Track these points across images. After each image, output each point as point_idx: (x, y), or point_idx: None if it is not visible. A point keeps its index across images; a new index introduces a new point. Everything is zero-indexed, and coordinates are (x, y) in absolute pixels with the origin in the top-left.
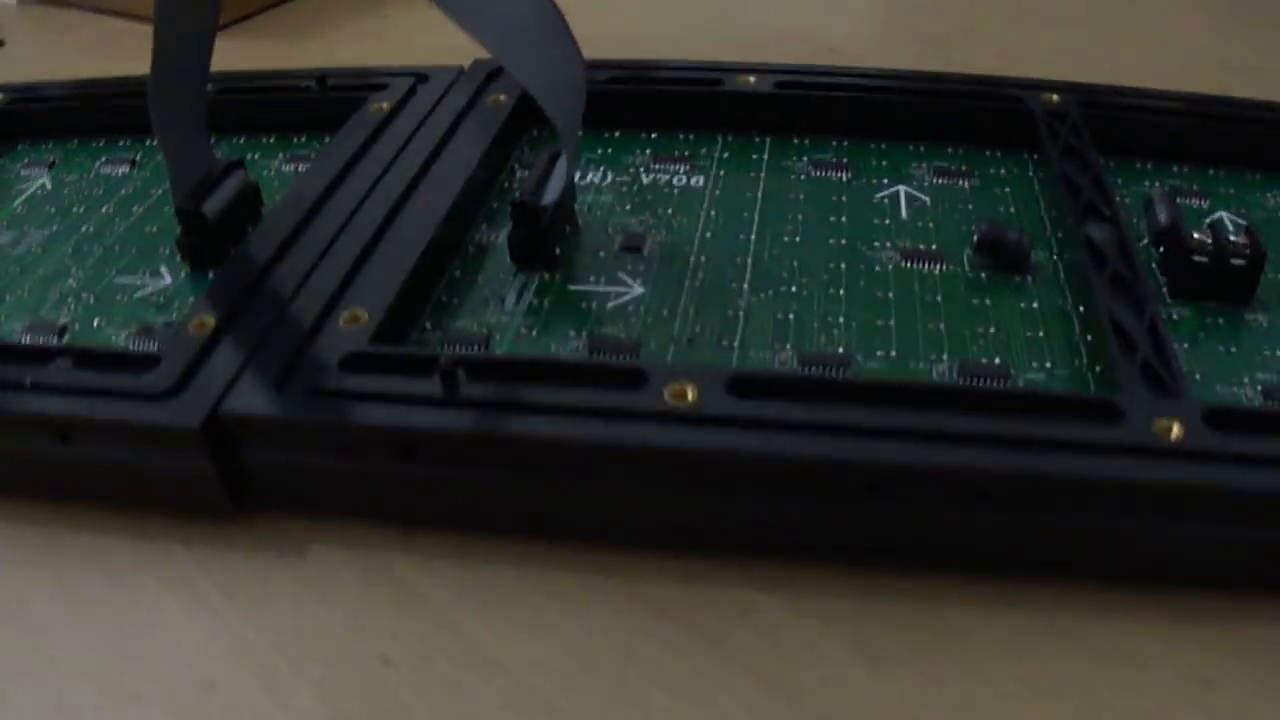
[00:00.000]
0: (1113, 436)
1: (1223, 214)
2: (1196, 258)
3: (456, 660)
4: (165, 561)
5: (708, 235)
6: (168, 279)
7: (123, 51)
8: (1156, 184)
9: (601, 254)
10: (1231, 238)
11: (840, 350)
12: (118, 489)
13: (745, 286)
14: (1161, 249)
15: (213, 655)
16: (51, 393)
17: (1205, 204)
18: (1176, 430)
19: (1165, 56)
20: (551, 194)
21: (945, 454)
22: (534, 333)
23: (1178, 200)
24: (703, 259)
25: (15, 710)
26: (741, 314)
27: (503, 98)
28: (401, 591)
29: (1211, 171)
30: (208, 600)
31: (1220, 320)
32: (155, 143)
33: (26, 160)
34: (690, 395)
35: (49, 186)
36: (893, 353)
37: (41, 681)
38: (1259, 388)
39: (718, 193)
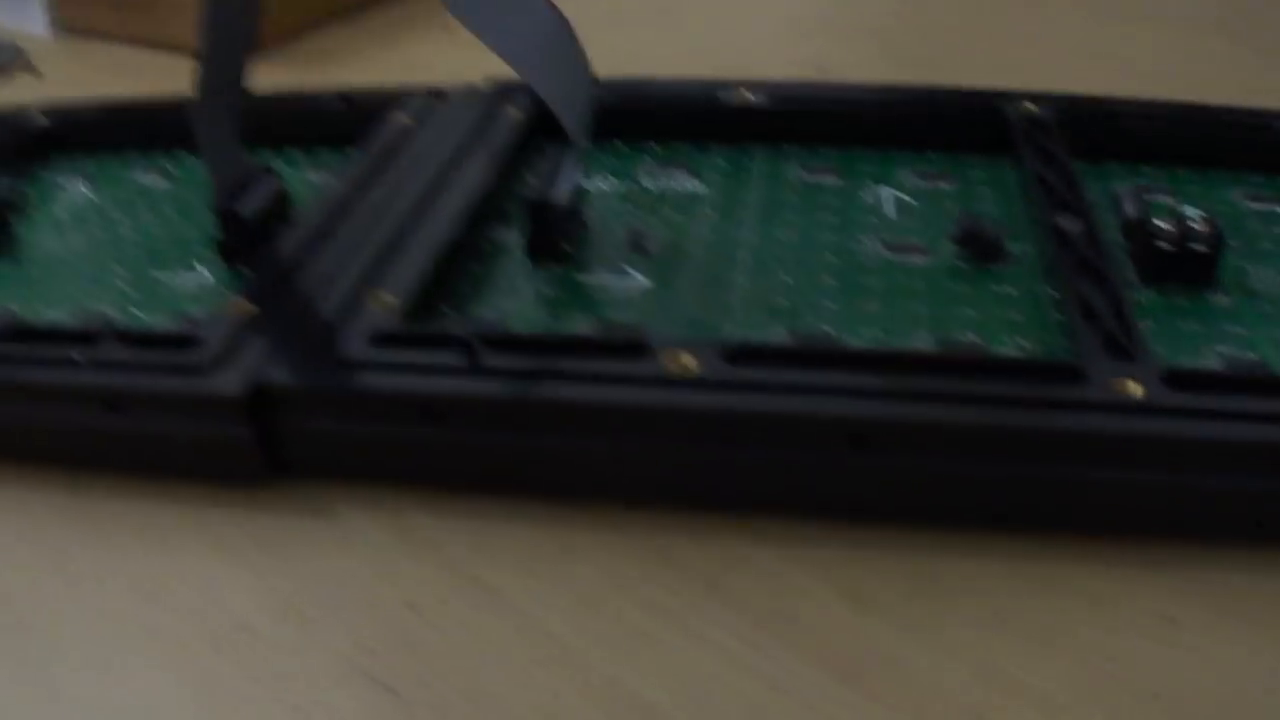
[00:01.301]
0: (1076, 394)
1: (1190, 209)
2: (1160, 244)
3: (476, 605)
4: (204, 521)
5: (707, 233)
6: (205, 275)
7: (151, 78)
8: (1126, 183)
9: (609, 250)
10: (1193, 225)
11: (828, 330)
12: (161, 458)
13: (741, 278)
14: (1129, 239)
15: (249, 602)
16: (101, 367)
17: (1173, 200)
18: (1137, 388)
19: (1142, 71)
20: (562, 193)
21: (919, 410)
22: (547, 318)
23: (1147, 197)
24: (703, 254)
25: (64, 654)
26: (738, 301)
27: (517, 112)
28: (425, 546)
29: (1180, 171)
30: (244, 555)
31: (1185, 302)
32: (189, 155)
33: (65, 172)
34: (689, 363)
35: (87, 194)
36: (877, 332)
37: (87, 628)
38: (1219, 359)
39: (716, 196)
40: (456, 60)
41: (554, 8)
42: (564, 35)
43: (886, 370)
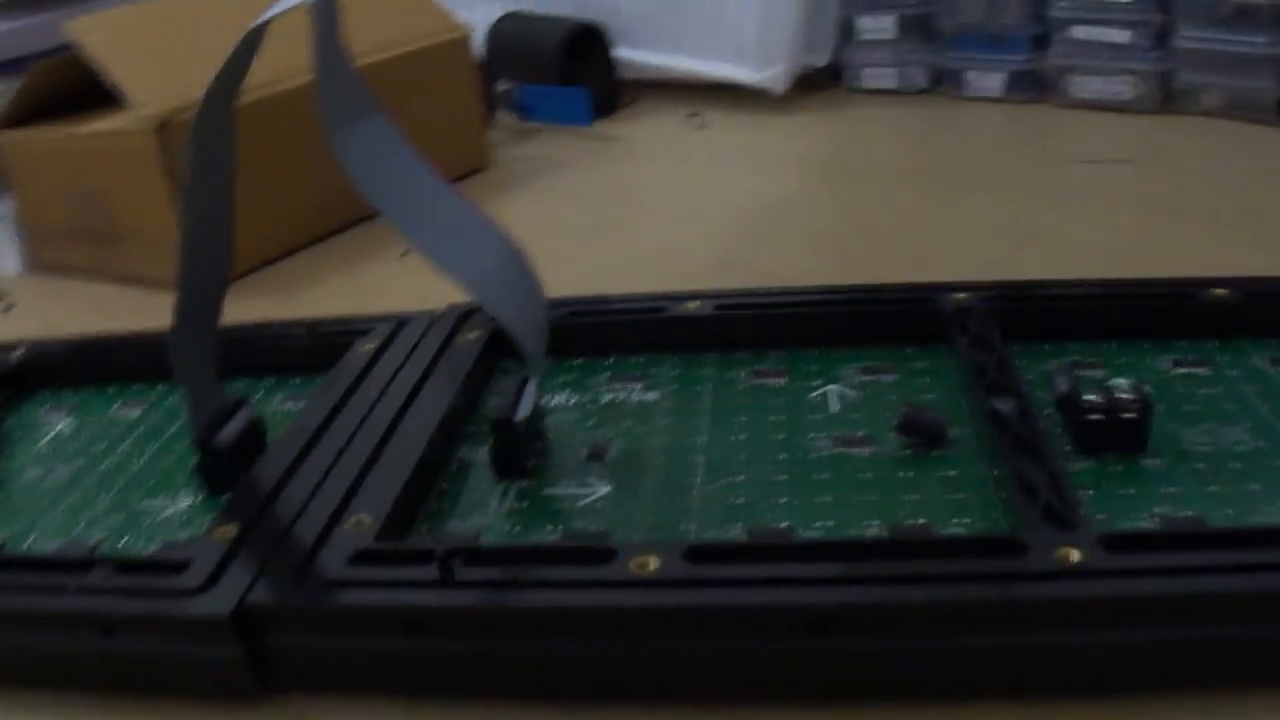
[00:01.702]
0: (1019, 566)
1: (1119, 379)
2: (1091, 416)
3: None
4: None
5: (663, 440)
6: (186, 502)
7: (118, 310)
8: (1057, 361)
9: (571, 462)
10: (1121, 395)
11: (784, 525)
12: (154, 678)
13: (698, 480)
14: (1063, 414)
15: None
16: (95, 594)
17: (1102, 373)
18: (1076, 556)
19: (1062, 253)
20: (523, 411)
21: (874, 594)
22: (516, 530)
23: (1077, 372)
24: (660, 460)
25: None
26: (696, 503)
27: (475, 335)
28: None
29: (1110, 344)
30: None
31: (1120, 468)
32: (164, 387)
33: (47, 406)
34: (652, 564)
35: (71, 428)
36: (830, 523)
37: None
38: (1157, 520)
39: (670, 404)
40: (414, 284)
41: (507, 235)
42: (517, 261)
43: (839, 558)
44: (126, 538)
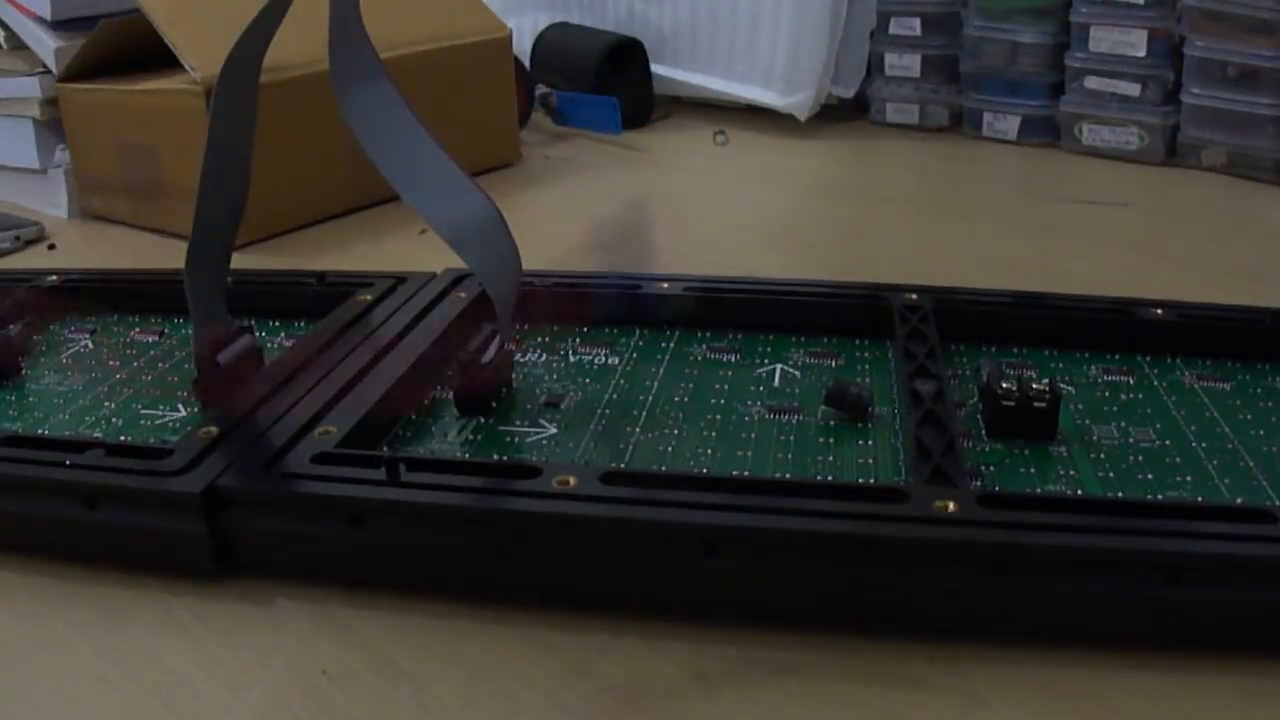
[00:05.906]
0: (898, 511)
1: (1046, 379)
2: (1005, 403)
3: (377, 672)
4: (159, 606)
5: (615, 397)
6: (183, 412)
7: (155, 259)
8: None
9: (529, 407)
10: (1034, 387)
11: (705, 471)
12: (129, 550)
13: (637, 430)
14: (982, 401)
15: (189, 665)
16: (86, 469)
17: (1034, 374)
18: (952, 506)
19: (1043, 279)
20: (488, 356)
21: (764, 521)
22: (466, 457)
23: (1010, 371)
24: (607, 412)
25: (30, 704)
26: (631, 447)
27: (464, 295)
28: (341, 627)
29: (1046, 352)
30: (190, 631)
31: (1026, 452)
32: (182, 321)
33: (73, 327)
34: (572, 481)
35: (90, 346)
36: (747, 473)
37: (51, 682)
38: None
39: (629, 368)
40: (428, 255)
41: (488, 198)
42: (495, 221)
43: (734, 491)
44: (124, 437)
